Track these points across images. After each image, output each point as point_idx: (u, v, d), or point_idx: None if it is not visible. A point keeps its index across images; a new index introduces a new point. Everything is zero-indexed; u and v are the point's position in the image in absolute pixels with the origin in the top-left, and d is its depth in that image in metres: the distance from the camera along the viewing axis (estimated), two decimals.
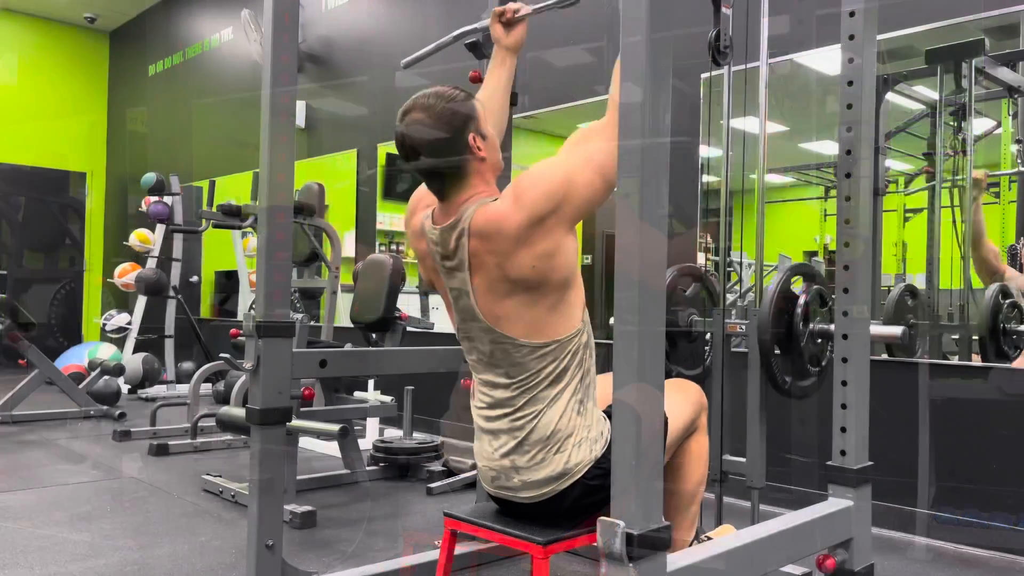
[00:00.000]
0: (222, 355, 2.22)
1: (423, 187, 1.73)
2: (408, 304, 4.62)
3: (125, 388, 6.09)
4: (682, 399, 1.85)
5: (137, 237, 6.76)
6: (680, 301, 2.36)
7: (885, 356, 3.09)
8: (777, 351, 2.09)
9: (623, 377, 1.13)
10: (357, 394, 4.03)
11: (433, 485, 3.38)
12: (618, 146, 1.47)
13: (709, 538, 1.92)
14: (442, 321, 4.68)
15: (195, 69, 7.65)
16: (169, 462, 3.88)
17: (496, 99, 1.96)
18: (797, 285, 2.15)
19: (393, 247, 5.48)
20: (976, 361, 2.90)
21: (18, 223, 8.38)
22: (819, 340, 2.12)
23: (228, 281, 7.03)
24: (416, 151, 1.57)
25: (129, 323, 6.65)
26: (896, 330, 1.93)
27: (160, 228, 6.58)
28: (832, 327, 1.98)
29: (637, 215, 1.13)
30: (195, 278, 7.23)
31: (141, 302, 6.56)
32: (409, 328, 3.77)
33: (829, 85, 3.31)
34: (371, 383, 4.37)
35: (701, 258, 3.57)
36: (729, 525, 2.17)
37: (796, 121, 3.58)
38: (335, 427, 2.85)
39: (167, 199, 6.58)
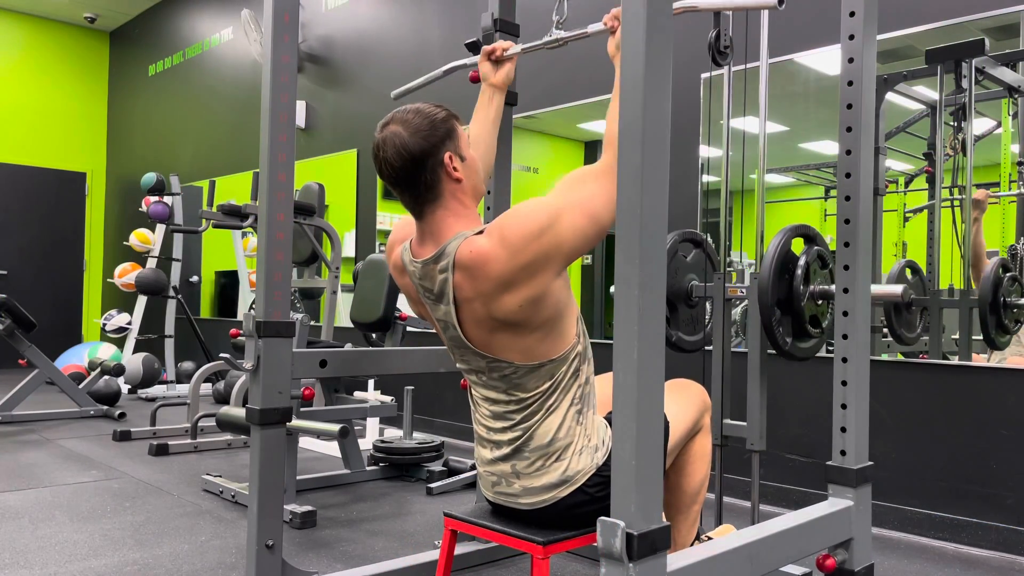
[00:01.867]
0: (222, 355, 2.21)
1: (400, 222, 1.71)
2: (408, 304, 4.63)
3: (125, 388, 6.10)
4: (685, 401, 1.85)
5: (137, 237, 6.77)
6: (680, 266, 2.35)
7: (886, 356, 3.09)
8: (778, 311, 2.08)
9: (623, 377, 1.13)
10: (357, 394, 4.03)
11: (433, 485, 3.38)
12: (611, 183, 1.49)
13: (710, 538, 1.92)
14: None
15: (195, 69, 7.65)
16: (169, 462, 3.88)
17: (484, 136, 1.93)
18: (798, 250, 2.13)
19: None
20: (976, 361, 2.90)
21: (18, 223, 8.38)
22: (820, 301, 2.11)
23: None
24: (390, 164, 1.54)
25: (129, 323, 6.66)
26: (896, 288, 1.91)
27: (160, 228, 6.58)
28: (833, 287, 1.96)
29: (638, 213, 1.13)
30: (195, 278, 7.23)
31: (141, 302, 6.57)
32: (409, 328, 3.78)
33: (829, 85, 3.31)
34: (371, 383, 4.37)
35: None
36: (729, 525, 2.17)
37: (796, 121, 3.58)
38: (335, 427, 2.86)
39: (167, 199, 6.59)
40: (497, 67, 1.98)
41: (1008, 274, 2.80)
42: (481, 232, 1.52)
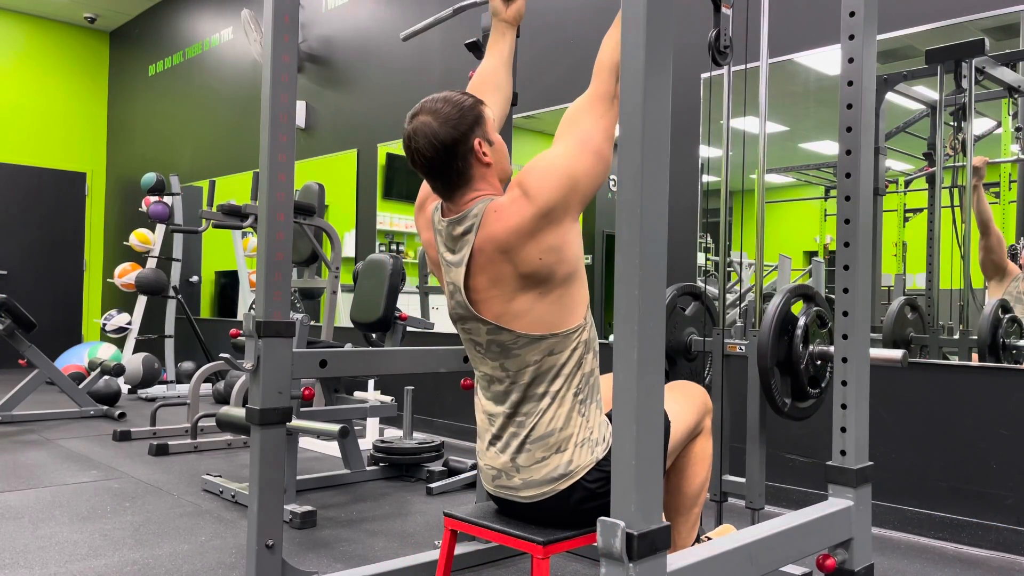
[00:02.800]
0: (222, 355, 2.21)
1: None
2: (408, 304, 4.63)
3: (125, 388, 6.10)
4: (687, 402, 1.85)
5: (137, 237, 6.77)
6: (680, 320, 2.36)
7: None
8: (777, 372, 2.09)
9: (623, 376, 1.13)
10: (357, 394, 4.03)
11: (433, 485, 3.38)
12: (609, 116, 1.58)
13: (709, 538, 1.92)
14: (442, 321, 4.69)
15: (195, 69, 7.65)
16: (169, 462, 3.88)
17: (499, 72, 1.97)
18: (797, 308, 2.14)
19: (393, 247, 5.48)
20: (976, 362, 2.90)
21: (18, 223, 8.38)
22: (819, 362, 2.12)
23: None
24: (421, 153, 1.59)
25: (129, 323, 6.66)
26: (896, 354, 1.92)
27: (160, 228, 6.58)
28: (832, 349, 1.97)
29: (638, 213, 1.13)
30: (195, 278, 7.23)
31: (141, 302, 6.57)
32: (409, 328, 3.78)
33: (829, 85, 3.31)
34: (371, 383, 4.37)
35: (701, 258, 3.57)
36: (729, 525, 2.17)
37: (796, 121, 3.58)
38: (335, 427, 2.86)
39: (167, 199, 6.59)
40: (508, 3, 2.01)
41: (1007, 315, 2.81)
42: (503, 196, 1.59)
